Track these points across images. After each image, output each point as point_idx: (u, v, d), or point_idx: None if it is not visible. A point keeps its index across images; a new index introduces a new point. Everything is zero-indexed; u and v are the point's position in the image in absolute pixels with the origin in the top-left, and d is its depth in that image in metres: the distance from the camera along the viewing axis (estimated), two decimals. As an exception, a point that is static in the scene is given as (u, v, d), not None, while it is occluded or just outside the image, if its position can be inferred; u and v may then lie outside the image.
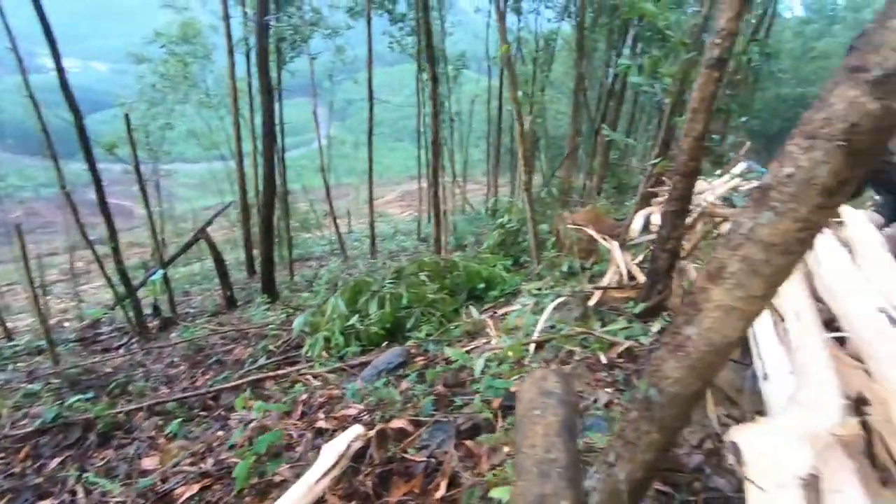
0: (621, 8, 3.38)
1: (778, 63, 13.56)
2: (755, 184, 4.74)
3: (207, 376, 4.52)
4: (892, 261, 1.09)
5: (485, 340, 3.37)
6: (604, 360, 2.27)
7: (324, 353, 3.54)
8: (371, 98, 9.37)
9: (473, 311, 3.62)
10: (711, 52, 1.84)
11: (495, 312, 4.28)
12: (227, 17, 8.17)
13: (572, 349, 2.40)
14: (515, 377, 2.31)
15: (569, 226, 4.27)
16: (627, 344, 2.29)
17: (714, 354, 0.80)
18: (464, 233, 9.26)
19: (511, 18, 12.08)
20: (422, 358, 3.35)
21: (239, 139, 9.10)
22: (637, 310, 2.38)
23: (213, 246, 6.40)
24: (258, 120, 7.57)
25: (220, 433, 3.02)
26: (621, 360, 2.30)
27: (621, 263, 2.84)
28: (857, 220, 1.36)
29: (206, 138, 13.69)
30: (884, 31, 0.55)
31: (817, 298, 1.23)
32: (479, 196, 16.85)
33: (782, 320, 1.21)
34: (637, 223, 3.43)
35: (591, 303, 2.65)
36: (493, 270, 4.68)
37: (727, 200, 4.18)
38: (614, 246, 2.95)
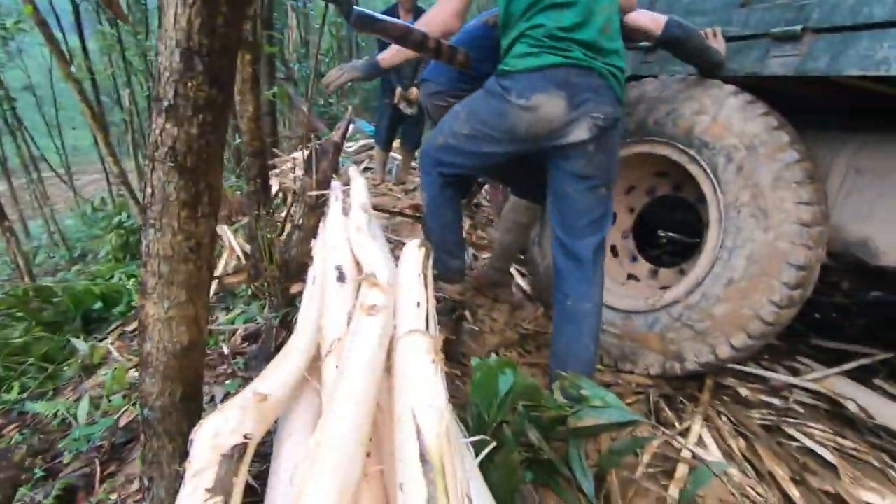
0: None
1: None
2: (362, 143, 5.35)
3: None
4: (364, 221, 1.39)
5: (107, 371, 2.86)
6: (226, 350, 2.26)
7: None
8: None
9: (77, 342, 2.98)
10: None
11: (125, 331, 3.68)
12: None
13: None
14: (126, 408, 2.06)
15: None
16: (246, 327, 2.33)
17: (179, 360, 0.84)
18: (79, 240, 7.45)
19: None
20: (15, 426, 2.60)
21: None
22: (249, 291, 2.42)
23: None
24: None
25: None
26: (245, 344, 2.34)
27: (235, 246, 2.81)
28: (358, 182, 1.67)
29: None
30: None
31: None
32: (104, 188, 13.75)
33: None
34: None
35: (211, 294, 2.54)
36: (112, 283, 3.94)
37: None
38: (224, 229, 2.88)
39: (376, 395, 0.72)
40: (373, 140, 5.66)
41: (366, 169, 4.95)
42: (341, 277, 1.07)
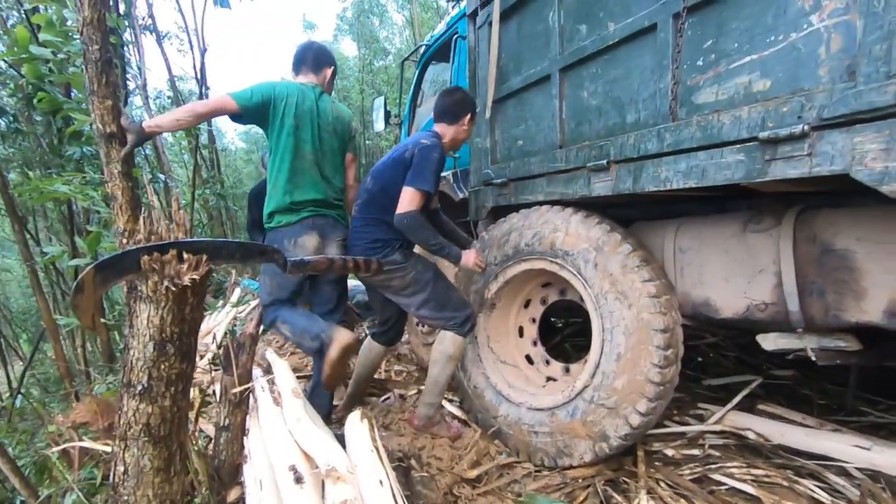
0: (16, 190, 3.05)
1: (242, 187, 16.32)
2: (253, 304, 5.22)
3: None
4: (301, 408, 1.43)
5: None
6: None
7: None
8: None
9: None
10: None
11: None
12: None
13: None
14: None
15: (64, 429, 3.41)
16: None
17: None
18: None
19: None
20: None
21: None
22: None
23: None
24: None
25: None
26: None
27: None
28: (281, 366, 1.71)
29: None
30: None
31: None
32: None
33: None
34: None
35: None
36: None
37: (232, 333, 4.47)
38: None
39: None
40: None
41: (265, 329, 4.81)
42: (299, 479, 1.09)
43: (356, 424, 1.27)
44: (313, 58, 2.39)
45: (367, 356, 2.62)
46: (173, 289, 0.66)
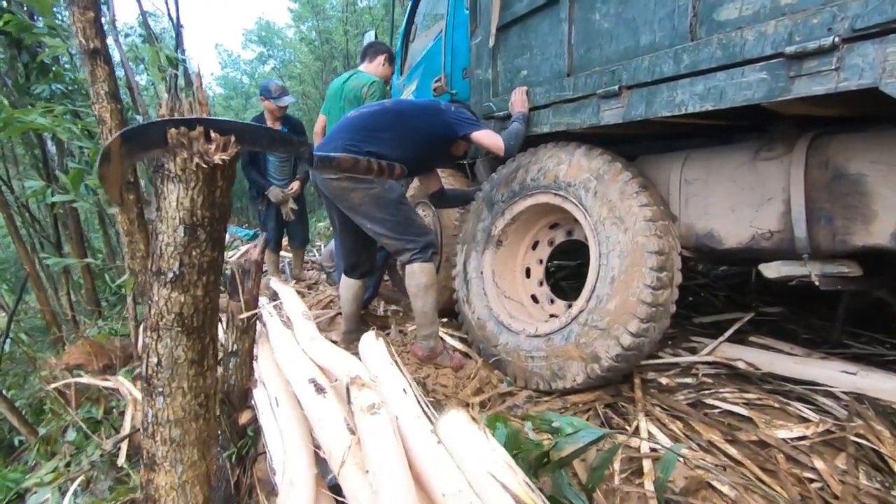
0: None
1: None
2: (243, 249, 5.18)
3: None
4: (314, 329, 1.42)
5: None
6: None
7: None
8: None
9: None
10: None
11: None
12: None
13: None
14: None
15: (58, 371, 3.41)
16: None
17: None
18: None
19: None
20: None
21: None
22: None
23: None
24: None
25: None
26: None
27: (136, 394, 2.52)
28: (288, 292, 1.69)
29: None
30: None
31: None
32: None
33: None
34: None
35: (122, 461, 2.23)
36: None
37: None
38: (120, 381, 2.57)
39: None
40: (250, 244, 5.49)
41: (256, 274, 4.77)
42: (320, 389, 1.09)
43: (372, 343, 1.27)
44: (372, 51, 3.41)
45: (347, 293, 2.60)
46: (204, 166, 0.61)
